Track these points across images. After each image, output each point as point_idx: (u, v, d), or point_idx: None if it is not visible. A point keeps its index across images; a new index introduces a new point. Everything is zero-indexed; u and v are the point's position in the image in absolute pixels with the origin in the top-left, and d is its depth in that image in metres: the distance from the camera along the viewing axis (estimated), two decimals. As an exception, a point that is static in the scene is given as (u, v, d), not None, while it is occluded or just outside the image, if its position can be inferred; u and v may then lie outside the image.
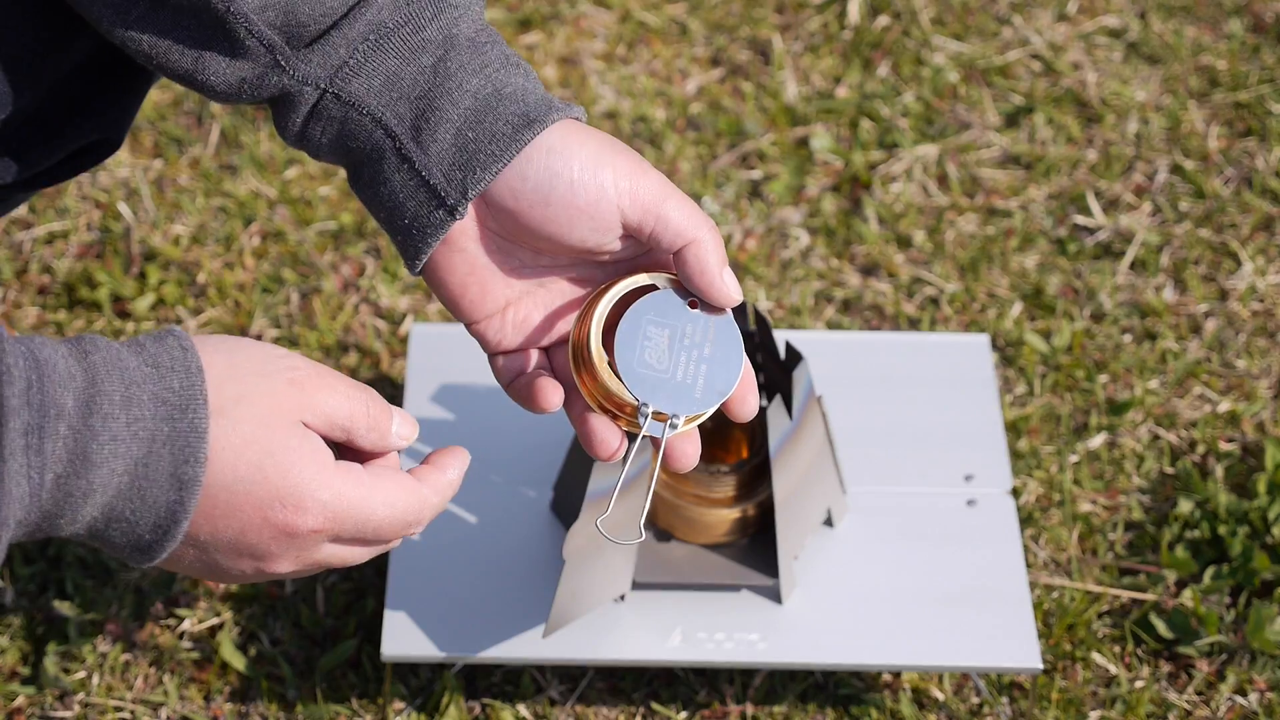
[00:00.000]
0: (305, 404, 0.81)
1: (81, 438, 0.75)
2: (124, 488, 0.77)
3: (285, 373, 0.81)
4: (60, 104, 0.93)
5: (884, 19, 1.74)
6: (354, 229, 1.54)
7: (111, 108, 0.95)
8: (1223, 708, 1.27)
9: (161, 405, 0.77)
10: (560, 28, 1.72)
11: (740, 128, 1.64)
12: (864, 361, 1.33)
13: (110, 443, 0.76)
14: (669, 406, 0.89)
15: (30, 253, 1.52)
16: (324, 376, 0.82)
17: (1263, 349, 1.49)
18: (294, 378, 0.81)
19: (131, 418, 0.76)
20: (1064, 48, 1.73)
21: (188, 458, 0.77)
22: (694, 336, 0.90)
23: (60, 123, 0.93)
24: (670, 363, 0.90)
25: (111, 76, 0.94)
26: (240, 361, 0.80)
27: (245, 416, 0.79)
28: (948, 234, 1.56)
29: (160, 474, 0.77)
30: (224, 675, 1.26)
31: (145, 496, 0.77)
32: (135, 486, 0.77)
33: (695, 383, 0.90)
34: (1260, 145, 1.64)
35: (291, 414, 0.80)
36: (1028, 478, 1.39)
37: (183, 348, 0.78)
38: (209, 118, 1.63)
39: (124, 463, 0.76)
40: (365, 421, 0.83)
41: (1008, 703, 1.26)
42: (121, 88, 0.95)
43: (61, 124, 0.94)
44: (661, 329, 0.90)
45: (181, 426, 0.77)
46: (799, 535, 1.19)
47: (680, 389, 0.89)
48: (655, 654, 1.17)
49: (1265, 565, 1.30)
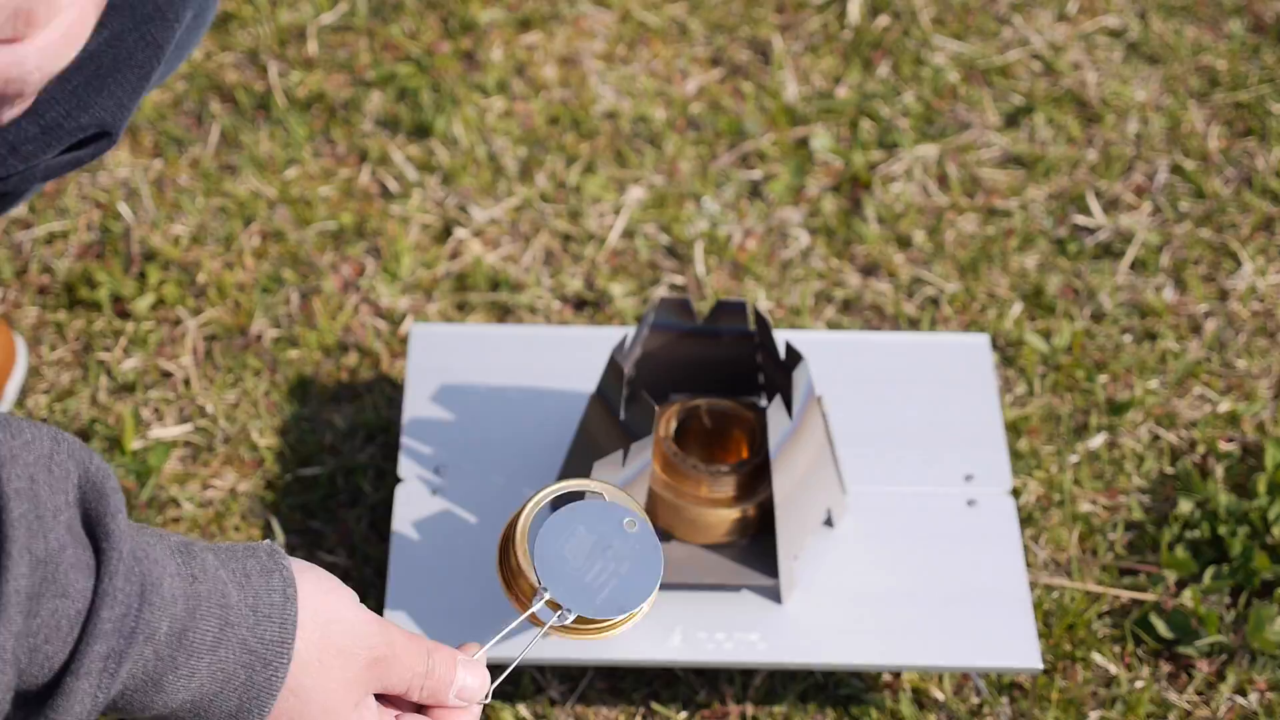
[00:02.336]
0: (374, 682, 0.84)
1: (162, 665, 0.76)
2: (184, 709, 0.78)
3: (368, 651, 0.83)
4: (59, 97, 0.93)
5: (884, 19, 1.74)
6: (354, 229, 1.54)
7: (109, 101, 0.95)
8: (1223, 708, 1.27)
9: (248, 654, 0.79)
10: (560, 28, 1.72)
11: (740, 128, 1.64)
12: (864, 361, 1.33)
13: (187, 677, 0.77)
14: (566, 600, 0.91)
15: (30, 253, 1.52)
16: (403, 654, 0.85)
17: (1263, 349, 1.49)
18: (376, 657, 0.84)
19: (216, 659, 0.78)
20: (1064, 48, 1.73)
21: (253, 709, 0.80)
22: (619, 552, 0.93)
23: (59, 116, 0.93)
24: (586, 565, 0.92)
25: (110, 70, 0.94)
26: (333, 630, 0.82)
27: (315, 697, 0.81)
28: (948, 234, 1.56)
29: (223, 710, 0.79)
30: (224, 675, 1.26)
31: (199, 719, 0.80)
32: (195, 710, 0.79)
33: (601, 590, 0.92)
34: (1260, 145, 1.64)
35: (357, 695, 0.83)
36: (1028, 478, 1.39)
37: (285, 595, 0.80)
38: (209, 118, 1.63)
39: (192, 695, 0.78)
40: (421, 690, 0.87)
41: (1008, 703, 1.26)
42: (119, 82, 0.95)
43: (60, 117, 0.93)
44: (590, 533, 0.93)
45: (259, 679, 0.79)
46: (799, 535, 1.19)
47: (585, 590, 0.92)
48: (655, 654, 1.17)
49: (1265, 565, 1.30)
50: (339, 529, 1.34)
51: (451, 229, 1.55)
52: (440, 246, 1.53)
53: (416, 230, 1.55)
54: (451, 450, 1.26)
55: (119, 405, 1.41)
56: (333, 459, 1.38)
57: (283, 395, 1.42)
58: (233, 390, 1.43)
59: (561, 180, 1.59)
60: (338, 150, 1.61)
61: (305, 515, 1.35)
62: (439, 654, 0.87)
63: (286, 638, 0.79)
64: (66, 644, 0.72)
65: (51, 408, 1.41)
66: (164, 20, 0.95)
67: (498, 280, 1.51)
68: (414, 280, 1.50)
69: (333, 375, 1.44)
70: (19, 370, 1.41)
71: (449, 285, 1.50)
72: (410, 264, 1.51)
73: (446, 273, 1.51)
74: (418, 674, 0.86)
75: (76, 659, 0.72)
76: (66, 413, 1.41)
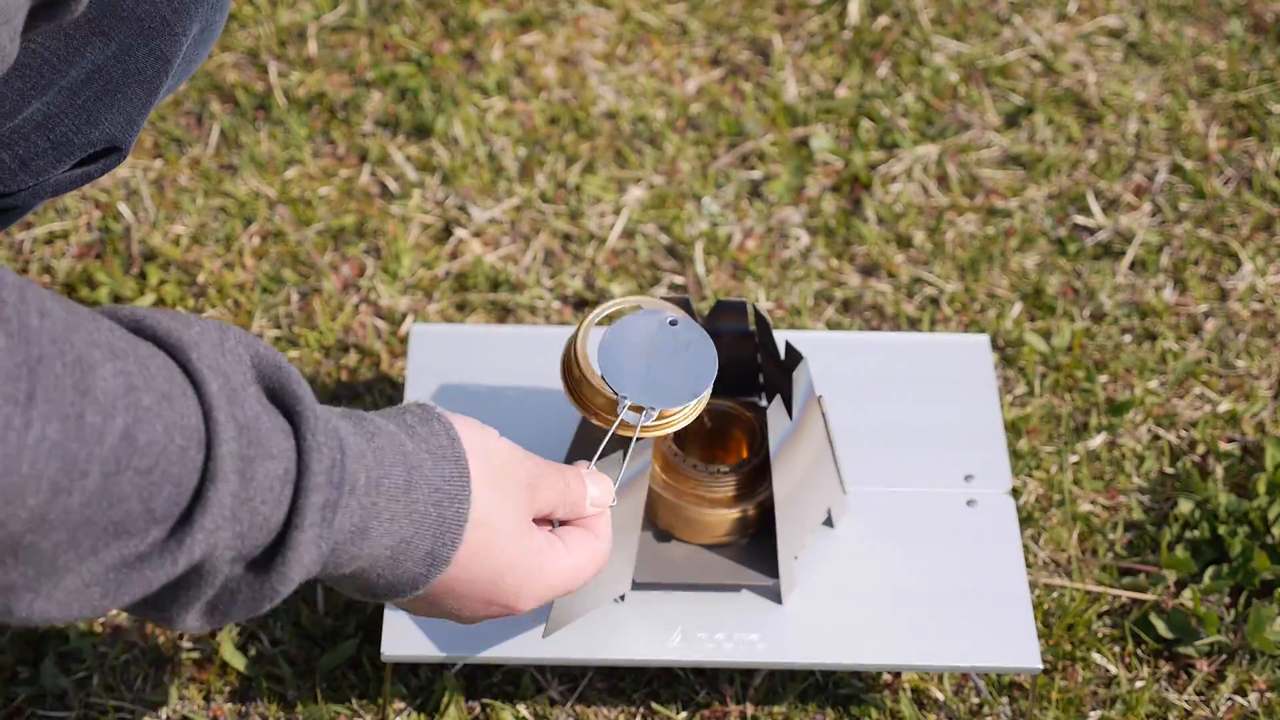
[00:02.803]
0: (531, 505, 0.91)
1: (366, 514, 0.80)
2: (383, 559, 0.83)
3: (525, 476, 0.91)
4: (69, 112, 0.94)
5: (884, 19, 1.74)
6: (354, 229, 1.54)
7: (118, 116, 0.95)
8: (1222, 708, 1.27)
9: (435, 492, 0.84)
10: (560, 28, 1.72)
11: (740, 128, 1.64)
12: (864, 361, 1.33)
13: (389, 521, 0.82)
14: (645, 400, 1.01)
15: (30, 253, 1.52)
16: (546, 476, 0.93)
17: (1263, 349, 1.49)
18: (530, 481, 0.91)
19: (410, 501, 0.83)
20: (1064, 48, 1.73)
21: (446, 542, 0.85)
22: (672, 346, 1.02)
23: (69, 131, 0.94)
24: (649, 366, 1.01)
25: (119, 85, 0.95)
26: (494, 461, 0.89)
27: (498, 524, 0.88)
28: (948, 234, 1.56)
29: (418, 551, 0.84)
30: (224, 675, 1.26)
31: (398, 568, 0.84)
32: (393, 559, 0.83)
33: (672, 382, 1.01)
34: (1260, 145, 1.64)
35: (527, 519, 0.91)
36: (1028, 478, 1.39)
37: (450, 437, 0.86)
38: (209, 118, 1.63)
39: (393, 540, 0.82)
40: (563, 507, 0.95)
41: (1008, 703, 1.26)
42: (128, 97, 0.95)
43: (70, 132, 0.94)
44: (641, 339, 1.03)
45: (449, 515, 0.85)
46: (799, 535, 1.19)
47: (657, 386, 1.01)
48: (655, 654, 1.17)
49: (1265, 565, 1.30)
50: (339, 529, 1.34)
51: (451, 229, 1.55)
52: (440, 246, 1.53)
53: (416, 230, 1.55)
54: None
55: (119, 405, 1.41)
56: (333, 459, 1.38)
57: (283, 395, 1.42)
58: (233, 390, 1.43)
59: (561, 180, 1.59)
60: (338, 150, 1.61)
61: (305, 515, 1.35)
62: (568, 473, 0.95)
63: (463, 473, 0.85)
64: (281, 503, 0.75)
65: (51, 408, 1.41)
66: (170, 34, 0.96)
67: (498, 280, 1.51)
68: (414, 280, 1.50)
69: (333, 375, 1.44)
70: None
71: (449, 285, 1.50)
72: (410, 264, 1.51)
73: (446, 273, 1.51)
74: (558, 492, 0.94)
75: (296, 513, 0.76)
76: (66, 413, 1.41)
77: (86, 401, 0.67)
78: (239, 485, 0.73)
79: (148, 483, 0.70)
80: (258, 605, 0.78)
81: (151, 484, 0.70)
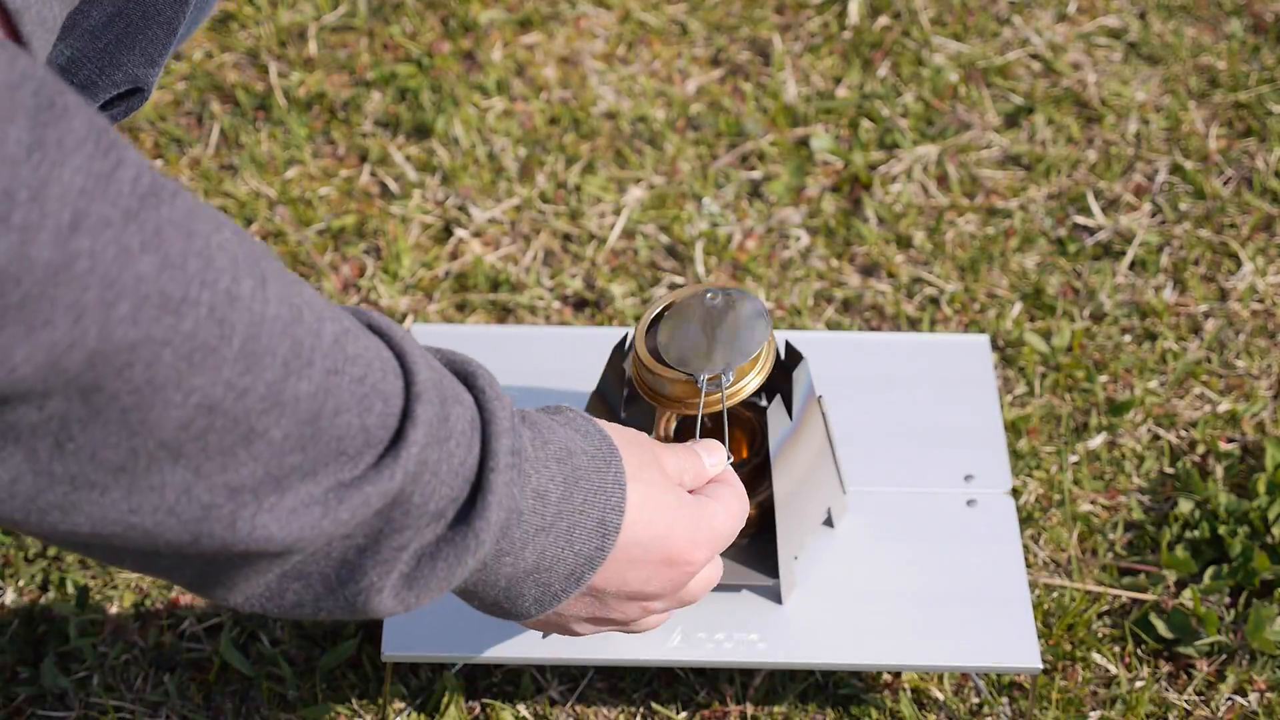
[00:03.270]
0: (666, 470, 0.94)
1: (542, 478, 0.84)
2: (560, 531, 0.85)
3: (650, 446, 0.93)
4: (91, 56, 0.94)
5: (884, 19, 1.74)
6: (354, 229, 1.55)
7: (140, 57, 0.96)
8: (1222, 708, 1.27)
9: (591, 459, 0.87)
10: (560, 28, 1.72)
11: (740, 128, 1.64)
12: (864, 361, 1.33)
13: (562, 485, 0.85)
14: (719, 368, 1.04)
15: (30, 253, 1.52)
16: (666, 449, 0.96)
17: (1263, 349, 1.49)
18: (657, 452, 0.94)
19: (574, 465, 0.86)
20: (1064, 48, 1.73)
21: (613, 506, 0.87)
22: (718, 317, 1.06)
23: (92, 73, 0.95)
24: (707, 342, 1.05)
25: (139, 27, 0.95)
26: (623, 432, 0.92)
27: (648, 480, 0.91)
28: (948, 234, 1.56)
29: (589, 520, 0.86)
30: (224, 675, 1.26)
31: (573, 540, 0.86)
32: (568, 529, 0.86)
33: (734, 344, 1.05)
34: (1260, 145, 1.64)
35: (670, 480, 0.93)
36: (1028, 478, 1.39)
37: (584, 418, 0.90)
38: (209, 118, 1.63)
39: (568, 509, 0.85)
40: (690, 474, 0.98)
41: (1008, 703, 1.26)
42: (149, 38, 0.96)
43: (94, 74, 0.95)
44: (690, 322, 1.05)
45: (608, 479, 0.87)
46: (799, 535, 1.19)
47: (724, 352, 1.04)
48: (655, 654, 1.17)
49: (1265, 565, 1.30)
50: (339, 529, 1.34)
51: (451, 229, 1.55)
52: (440, 247, 1.53)
53: (416, 230, 1.55)
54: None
55: (119, 405, 1.41)
56: (333, 459, 1.38)
57: (283, 395, 1.42)
58: (233, 390, 1.43)
59: (561, 180, 1.59)
60: (338, 150, 1.61)
61: (305, 515, 1.35)
62: (679, 448, 0.98)
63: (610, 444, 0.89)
64: (473, 447, 0.78)
65: (51, 408, 1.41)
66: None
67: (498, 280, 1.51)
68: (414, 280, 1.50)
69: (333, 375, 1.44)
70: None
71: (449, 285, 1.50)
72: (410, 264, 1.51)
73: (446, 273, 1.51)
74: (681, 460, 0.97)
75: (490, 455, 0.79)
76: (66, 413, 1.40)
77: (302, 302, 0.71)
78: (439, 412, 0.76)
79: (362, 393, 0.73)
80: (459, 562, 0.79)
81: (365, 395, 0.73)
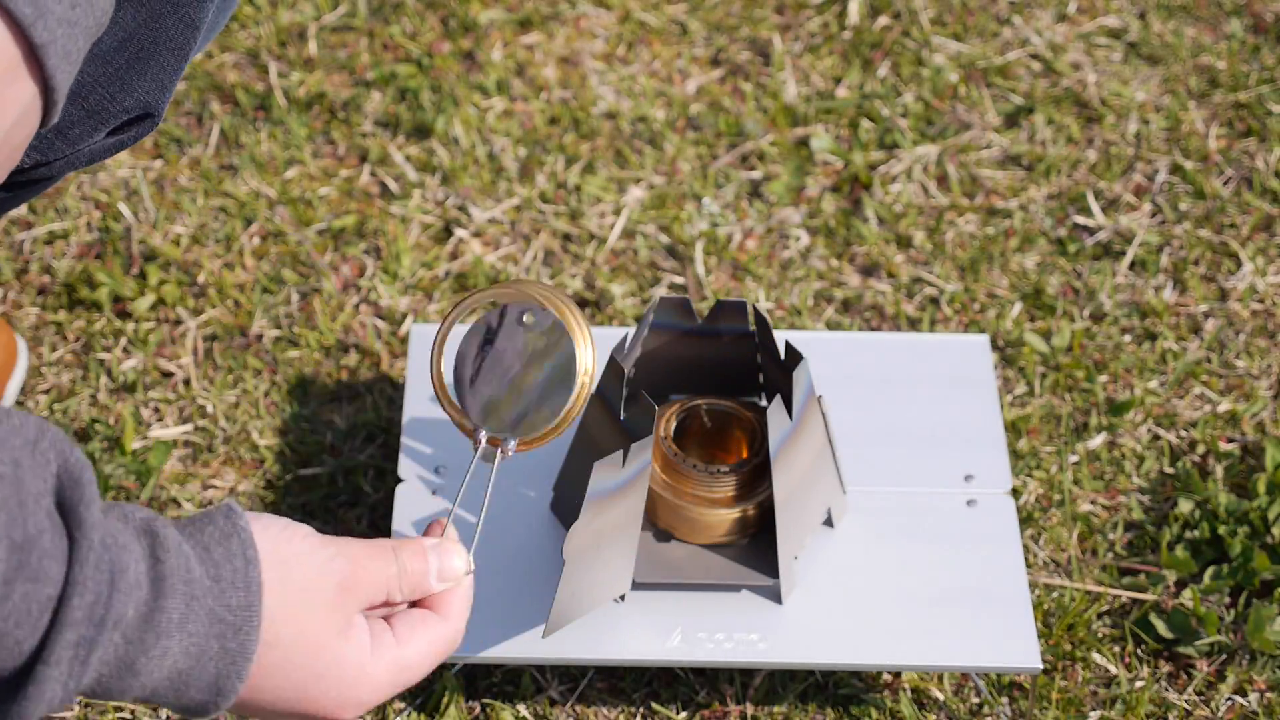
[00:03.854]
0: (352, 604, 0.85)
1: (133, 650, 0.77)
2: (164, 689, 0.79)
3: (332, 579, 0.83)
4: (103, 80, 0.94)
5: (884, 19, 1.74)
6: (354, 229, 1.54)
7: (151, 83, 0.96)
8: (1222, 708, 1.27)
9: (217, 623, 0.79)
10: (560, 28, 1.72)
11: (740, 128, 1.64)
12: (864, 361, 1.33)
13: (159, 657, 0.77)
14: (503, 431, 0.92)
15: (30, 253, 1.52)
16: (367, 568, 0.85)
17: (1263, 349, 1.49)
18: (340, 582, 0.84)
19: (186, 634, 0.78)
20: (1064, 48, 1.73)
21: (231, 674, 0.80)
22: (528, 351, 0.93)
23: (103, 98, 0.95)
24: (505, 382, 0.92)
25: (150, 52, 0.95)
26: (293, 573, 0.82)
27: (295, 644, 0.82)
28: (948, 234, 1.56)
29: (202, 681, 0.80)
30: (224, 675, 1.26)
31: (182, 695, 0.80)
32: (174, 687, 0.79)
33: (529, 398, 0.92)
34: (1260, 145, 1.64)
35: (339, 624, 0.84)
36: (1028, 478, 1.39)
37: (246, 559, 0.80)
38: (209, 118, 1.63)
39: (167, 673, 0.78)
40: (400, 590, 0.87)
41: (1008, 703, 1.26)
42: (159, 63, 0.96)
43: (104, 99, 0.95)
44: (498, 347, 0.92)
45: (232, 647, 0.80)
46: (799, 535, 1.19)
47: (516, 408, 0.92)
48: (655, 654, 1.17)
49: (1265, 565, 1.30)
50: (339, 529, 1.34)
51: (451, 229, 1.55)
52: (440, 246, 1.53)
53: (416, 230, 1.55)
54: (451, 450, 1.26)
55: (119, 405, 1.41)
56: (333, 459, 1.38)
57: (283, 395, 1.42)
58: (233, 390, 1.43)
59: (561, 180, 1.59)
60: (338, 150, 1.61)
61: (305, 515, 1.35)
62: (405, 550, 0.87)
63: (252, 600, 0.80)
64: (37, 630, 0.73)
65: (52, 408, 1.41)
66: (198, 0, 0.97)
67: (498, 280, 1.51)
68: (414, 280, 1.50)
69: (333, 375, 1.44)
70: (20, 370, 1.41)
71: (449, 285, 1.50)
72: (410, 264, 1.51)
73: (446, 273, 1.51)
74: (391, 577, 0.86)
75: (47, 647, 0.73)
76: (66, 413, 1.41)
77: None
78: None
79: None
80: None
81: None
